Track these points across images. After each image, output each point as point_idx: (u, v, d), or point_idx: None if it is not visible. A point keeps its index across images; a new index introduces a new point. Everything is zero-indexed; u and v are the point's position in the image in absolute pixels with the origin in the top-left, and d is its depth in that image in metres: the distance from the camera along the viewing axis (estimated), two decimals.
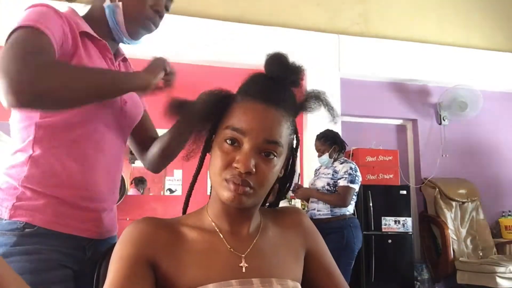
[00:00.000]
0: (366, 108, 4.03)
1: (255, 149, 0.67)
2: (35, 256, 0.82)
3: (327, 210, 2.79)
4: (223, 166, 0.68)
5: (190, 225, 0.74)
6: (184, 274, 0.68)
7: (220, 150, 0.69)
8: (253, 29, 3.68)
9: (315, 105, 0.75)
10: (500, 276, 3.30)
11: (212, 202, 0.76)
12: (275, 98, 0.69)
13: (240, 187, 0.66)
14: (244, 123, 0.68)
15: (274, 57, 0.73)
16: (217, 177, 0.69)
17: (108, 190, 0.97)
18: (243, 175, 0.66)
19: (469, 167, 4.21)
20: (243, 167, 0.65)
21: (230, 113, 0.70)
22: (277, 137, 0.69)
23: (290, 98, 0.72)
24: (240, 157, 0.66)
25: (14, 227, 0.83)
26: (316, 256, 0.81)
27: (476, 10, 4.54)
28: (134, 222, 0.71)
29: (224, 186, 0.68)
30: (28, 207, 0.84)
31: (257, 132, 0.67)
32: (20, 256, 0.81)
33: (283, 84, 0.72)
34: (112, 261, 0.67)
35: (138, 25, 0.97)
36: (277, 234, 0.79)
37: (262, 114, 0.68)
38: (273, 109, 0.69)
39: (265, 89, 0.70)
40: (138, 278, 0.65)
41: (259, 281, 0.69)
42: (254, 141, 0.67)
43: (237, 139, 0.68)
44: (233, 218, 0.74)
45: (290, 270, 0.75)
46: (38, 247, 0.83)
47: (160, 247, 0.69)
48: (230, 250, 0.71)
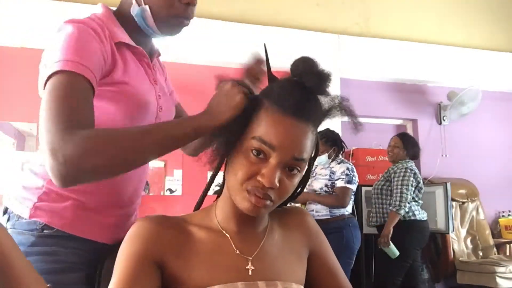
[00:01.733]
0: (366, 108, 4.02)
1: (281, 165, 0.66)
2: (51, 258, 0.83)
3: (326, 210, 2.79)
4: (247, 176, 0.66)
5: (197, 225, 0.73)
6: (190, 275, 0.67)
7: (245, 160, 0.67)
8: (253, 29, 3.67)
9: (338, 113, 0.73)
10: (500, 276, 3.30)
11: (222, 204, 0.75)
12: (306, 112, 0.67)
13: (261, 201, 0.66)
14: (273, 137, 0.65)
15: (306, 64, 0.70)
16: (238, 185, 0.67)
17: (133, 197, 0.96)
18: (266, 189, 0.65)
19: (469, 167, 4.20)
20: (268, 182, 0.64)
21: (258, 122, 0.68)
22: (304, 154, 0.67)
23: (319, 110, 0.70)
24: (266, 171, 0.65)
25: (33, 227, 0.83)
26: (320, 257, 0.80)
27: (476, 10, 4.54)
28: (141, 220, 0.70)
29: (244, 197, 0.67)
30: (49, 208, 0.84)
31: (286, 149, 0.65)
32: (37, 257, 0.82)
33: (315, 95, 0.70)
34: (119, 258, 0.67)
35: (170, 24, 0.91)
36: (282, 236, 0.79)
37: (292, 131, 0.66)
38: (304, 124, 0.67)
39: (298, 103, 0.66)
40: (144, 277, 0.64)
41: (265, 284, 0.69)
42: (282, 157, 0.65)
43: (264, 151, 0.66)
44: (242, 221, 0.74)
45: (295, 272, 0.75)
46: (55, 249, 0.83)
47: (168, 246, 0.68)
48: (237, 252, 0.71)
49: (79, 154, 0.66)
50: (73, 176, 0.67)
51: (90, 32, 0.80)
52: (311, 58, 0.71)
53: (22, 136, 3.13)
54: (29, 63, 3.27)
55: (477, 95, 4.01)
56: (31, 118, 3.07)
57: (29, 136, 3.12)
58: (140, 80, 0.92)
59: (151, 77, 0.96)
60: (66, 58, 0.74)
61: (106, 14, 0.91)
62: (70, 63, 0.74)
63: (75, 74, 0.74)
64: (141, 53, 0.93)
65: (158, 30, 0.91)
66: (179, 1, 0.88)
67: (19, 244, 0.80)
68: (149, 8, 0.88)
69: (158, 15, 0.89)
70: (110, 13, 0.92)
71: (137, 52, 0.92)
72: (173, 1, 0.88)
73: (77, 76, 0.74)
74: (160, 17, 0.89)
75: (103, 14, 0.90)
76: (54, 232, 0.84)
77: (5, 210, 0.89)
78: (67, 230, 0.85)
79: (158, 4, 0.88)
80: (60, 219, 0.85)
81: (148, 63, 0.96)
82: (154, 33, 0.93)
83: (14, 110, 3.09)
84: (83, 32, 0.79)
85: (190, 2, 0.89)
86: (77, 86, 0.74)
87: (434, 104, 4.32)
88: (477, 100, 4.04)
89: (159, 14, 0.89)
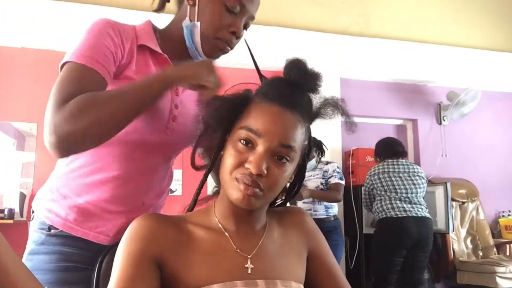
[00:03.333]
0: (366, 108, 4.03)
1: (268, 152, 0.67)
2: (56, 256, 0.86)
3: (322, 210, 3.01)
4: (235, 165, 0.68)
5: (196, 224, 0.74)
6: (190, 273, 0.67)
7: (233, 149, 0.69)
8: (253, 29, 3.67)
9: (331, 113, 0.75)
10: (500, 276, 3.30)
11: (219, 202, 0.75)
12: (292, 102, 0.70)
13: (250, 188, 0.66)
14: (260, 124, 0.68)
15: (293, 63, 0.73)
16: (228, 175, 0.69)
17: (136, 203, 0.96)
18: (254, 176, 0.66)
19: (469, 167, 4.20)
20: (255, 168, 0.66)
21: (247, 114, 0.71)
22: (292, 141, 0.69)
23: (307, 104, 0.73)
24: (253, 158, 0.67)
25: (43, 226, 0.89)
26: (319, 256, 0.81)
27: (476, 10, 4.54)
28: (140, 218, 0.71)
29: (234, 186, 0.68)
30: (54, 208, 0.89)
31: (272, 134, 0.67)
32: (44, 255, 0.87)
33: (301, 89, 0.72)
34: (118, 257, 0.67)
35: (212, 45, 0.94)
36: (282, 235, 0.79)
37: (278, 117, 0.68)
38: (289, 113, 0.69)
39: (283, 93, 0.70)
40: (144, 276, 0.64)
41: (264, 283, 0.69)
42: (268, 144, 0.67)
43: (252, 140, 0.68)
44: (240, 219, 0.74)
45: (294, 271, 0.75)
46: (60, 249, 0.87)
47: (168, 245, 0.69)
48: (236, 251, 0.71)
49: (64, 120, 0.72)
50: (65, 145, 0.73)
51: (109, 28, 0.85)
52: (301, 59, 0.74)
53: (22, 136, 3.13)
54: (29, 63, 3.29)
55: (477, 95, 4.02)
56: (31, 118, 3.07)
57: (29, 136, 3.12)
58: None
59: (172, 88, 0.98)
60: (80, 50, 0.80)
61: (144, 24, 0.96)
62: (82, 56, 0.79)
63: (85, 66, 0.79)
64: (165, 60, 0.94)
65: (200, 47, 0.94)
66: (227, 28, 0.92)
67: (33, 241, 0.88)
68: (200, 24, 0.92)
69: (205, 33, 0.92)
70: (149, 26, 0.97)
71: (160, 59, 0.94)
72: (222, 26, 0.92)
73: (86, 68, 0.79)
74: (205, 36, 0.92)
75: (141, 24, 0.96)
76: (59, 232, 0.88)
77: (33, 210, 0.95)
78: (70, 232, 0.88)
79: (208, 23, 0.92)
80: (63, 221, 0.88)
81: None
82: (196, 51, 0.95)
83: (14, 110, 3.09)
84: (103, 26, 0.85)
85: (236, 33, 0.93)
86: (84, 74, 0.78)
87: (434, 104, 4.32)
88: (477, 100, 4.04)
89: (206, 33, 0.92)
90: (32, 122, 3.10)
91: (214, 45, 0.94)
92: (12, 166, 3.11)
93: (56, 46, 3.14)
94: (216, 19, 0.91)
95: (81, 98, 0.74)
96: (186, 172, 3.43)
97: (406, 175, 3.03)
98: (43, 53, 3.17)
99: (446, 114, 4.22)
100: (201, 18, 0.91)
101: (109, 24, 0.86)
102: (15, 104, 3.09)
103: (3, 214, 2.87)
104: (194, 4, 0.92)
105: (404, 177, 3.01)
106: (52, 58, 3.25)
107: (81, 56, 0.79)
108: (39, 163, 3.10)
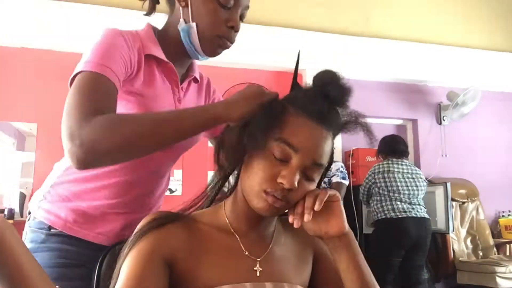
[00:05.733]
0: (366, 108, 3.98)
1: (302, 167, 0.67)
2: (57, 253, 0.89)
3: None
4: (267, 178, 0.67)
5: (206, 223, 0.73)
6: (200, 274, 0.67)
7: (265, 160, 0.68)
8: (253, 29, 3.67)
9: (354, 128, 0.75)
10: (500, 276, 3.29)
11: (232, 203, 0.75)
12: (329, 121, 0.70)
13: (279, 201, 0.67)
14: (297, 139, 0.67)
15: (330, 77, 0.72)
16: (256, 186, 0.68)
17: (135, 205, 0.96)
18: (286, 191, 0.66)
19: (469, 167, 4.20)
20: (288, 184, 0.65)
21: (282, 125, 0.69)
22: (323, 160, 0.70)
23: (338, 120, 0.73)
24: (287, 173, 0.66)
25: (42, 226, 0.90)
26: (324, 259, 0.81)
27: (476, 10, 4.54)
28: (151, 215, 0.70)
29: (261, 197, 0.67)
30: (54, 210, 0.90)
31: (308, 151, 0.67)
32: (45, 253, 0.88)
33: (336, 106, 0.72)
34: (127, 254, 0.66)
35: (212, 44, 0.93)
36: (289, 238, 0.80)
37: (315, 134, 0.69)
38: (325, 130, 0.70)
39: (322, 110, 0.69)
40: (154, 275, 0.64)
41: (272, 286, 0.69)
42: (303, 160, 0.67)
43: (287, 154, 0.67)
44: (253, 223, 0.74)
45: (300, 275, 0.76)
46: (61, 246, 0.89)
47: (179, 244, 0.68)
48: (246, 253, 0.72)
49: (95, 137, 0.69)
50: (90, 158, 0.70)
51: (120, 38, 0.85)
52: (334, 71, 0.73)
53: (22, 136, 3.12)
54: (29, 63, 3.29)
55: (477, 95, 4.01)
56: (31, 118, 3.06)
57: (29, 136, 3.11)
58: (161, 94, 0.93)
59: (176, 96, 0.97)
60: (93, 59, 0.79)
61: (145, 29, 0.95)
62: (95, 64, 0.78)
63: (98, 74, 0.78)
64: (170, 69, 0.94)
65: (199, 48, 0.93)
66: (224, 24, 0.91)
67: (32, 241, 0.89)
68: (195, 25, 0.91)
69: (203, 33, 0.91)
70: (150, 30, 0.96)
71: (166, 67, 0.94)
72: (219, 22, 0.90)
73: (100, 76, 0.78)
74: (204, 36, 0.91)
75: (143, 30, 0.95)
76: (59, 231, 0.90)
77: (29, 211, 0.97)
78: (69, 232, 0.89)
79: (205, 23, 0.90)
80: (62, 222, 0.89)
81: (176, 81, 0.97)
82: (195, 52, 0.94)
83: (14, 110, 3.09)
84: (114, 36, 0.84)
85: (234, 26, 0.92)
86: (99, 82, 0.77)
87: (434, 104, 4.31)
88: (477, 100, 4.04)
89: (204, 32, 0.91)
90: (32, 122, 3.09)
91: (213, 43, 0.93)
92: (12, 166, 3.11)
93: (56, 46, 3.14)
94: (212, 17, 0.90)
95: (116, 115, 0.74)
96: (186, 172, 3.43)
97: (409, 176, 3.03)
98: (43, 53, 3.17)
99: (446, 114, 4.22)
100: (196, 19, 0.90)
101: (120, 34, 0.85)
102: (15, 104, 3.08)
103: (3, 214, 2.87)
104: (186, 5, 0.91)
105: (407, 179, 3.01)
106: (52, 58, 3.28)
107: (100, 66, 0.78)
108: (39, 163, 3.09)
